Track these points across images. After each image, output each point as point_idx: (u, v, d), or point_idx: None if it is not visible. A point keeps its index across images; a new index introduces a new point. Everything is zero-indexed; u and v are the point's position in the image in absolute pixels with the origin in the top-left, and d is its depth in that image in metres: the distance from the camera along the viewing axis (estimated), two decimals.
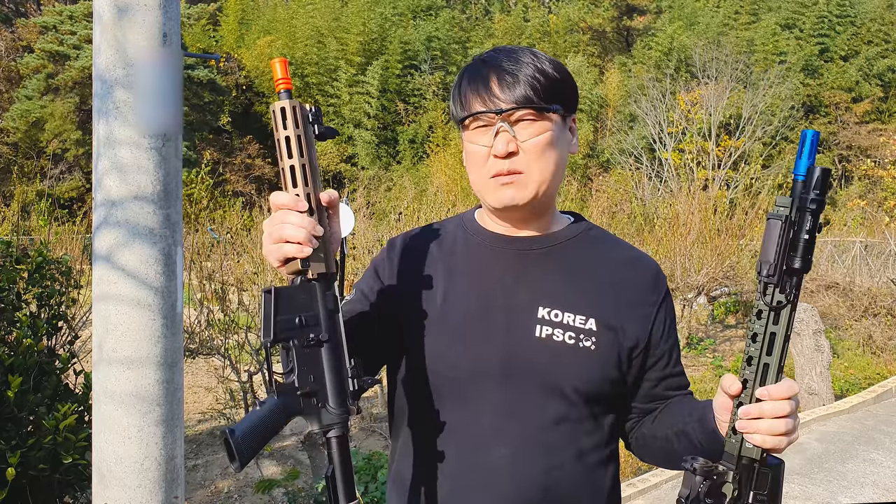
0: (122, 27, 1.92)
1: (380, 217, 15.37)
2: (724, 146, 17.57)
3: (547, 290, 1.05)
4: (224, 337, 4.57)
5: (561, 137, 1.05)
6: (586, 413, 1.04)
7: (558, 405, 1.02)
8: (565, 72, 1.07)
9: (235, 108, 24.53)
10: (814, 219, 0.81)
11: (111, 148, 1.94)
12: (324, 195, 0.90)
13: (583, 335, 1.03)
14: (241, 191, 20.13)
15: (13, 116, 18.84)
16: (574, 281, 1.07)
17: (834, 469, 4.61)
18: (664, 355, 1.09)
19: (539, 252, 1.08)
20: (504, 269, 1.08)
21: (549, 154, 1.03)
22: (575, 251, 1.10)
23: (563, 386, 1.02)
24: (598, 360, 1.03)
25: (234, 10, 28.12)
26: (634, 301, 1.08)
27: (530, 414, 1.02)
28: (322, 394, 0.86)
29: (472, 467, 1.03)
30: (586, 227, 1.14)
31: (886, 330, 8.42)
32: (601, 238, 1.15)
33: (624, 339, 1.05)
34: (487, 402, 1.03)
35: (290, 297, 0.86)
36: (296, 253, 0.86)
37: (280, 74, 0.89)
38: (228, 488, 3.92)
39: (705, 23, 29.10)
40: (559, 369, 1.02)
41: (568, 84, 1.07)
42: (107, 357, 1.98)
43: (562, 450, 1.03)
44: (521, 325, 1.04)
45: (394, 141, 25.87)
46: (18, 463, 2.30)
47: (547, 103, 1.02)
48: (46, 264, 2.99)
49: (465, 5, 33.03)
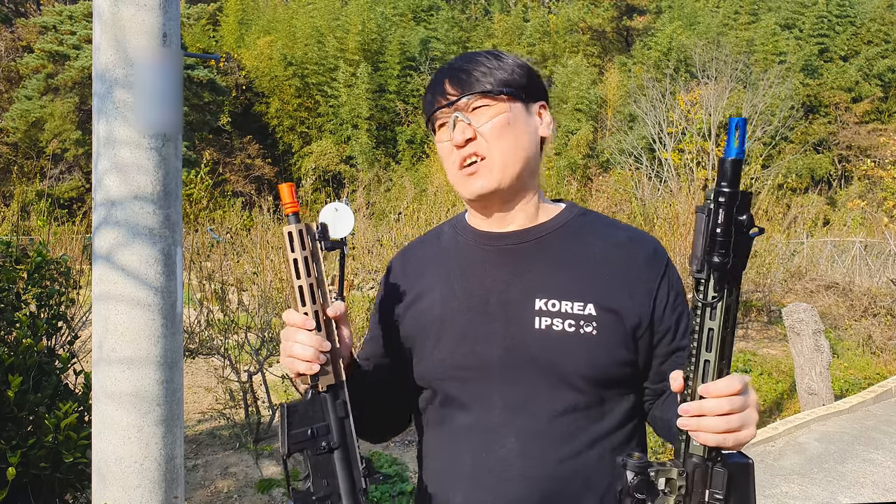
0: (123, 27, 1.92)
1: (379, 217, 15.37)
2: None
3: (541, 281, 1.05)
4: (224, 337, 4.58)
5: (522, 120, 1.06)
6: (597, 398, 1.03)
7: (566, 394, 1.02)
8: (524, 64, 1.11)
9: (235, 109, 24.52)
10: (726, 212, 0.76)
11: (111, 148, 1.94)
12: (330, 310, 0.96)
13: (583, 321, 1.02)
14: (241, 191, 20.12)
15: (13, 116, 18.83)
16: (567, 268, 1.06)
17: (833, 469, 4.61)
18: (670, 329, 1.07)
19: (529, 244, 1.09)
20: (497, 265, 1.08)
21: (508, 135, 1.04)
22: (566, 238, 1.09)
23: (569, 375, 1.02)
24: (602, 344, 1.02)
25: (233, 10, 28.11)
26: (632, 279, 1.06)
27: (539, 406, 1.02)
28: (336, 496, 0.94)
29: (486, 465, 1.03)
30: (578, 213, 1.13)
31: (886, 330, 8.42)
32: (592, 222, 1.13)
33: (626, 318, 1.03)
34: (494, 399, 1.04)
35: (302, 412, 0.94)
36: (305, 370, 0.94)
37: (287, 199, 0.95)
38: (228, 488, 3.92)
39: (705, 23, 29.10)
40: (563, 359, 1.02)
41: (525, 71, 1.10)
42: (107, 357, 1.98)
43: (575, 438, 1.02)
44: (519, 319, 1.04)
45: (393, 141, 25.87)
46: (19, 462, 2.30)
47: (498, 87, 1.04)
48: (46, 264, 2.99)
49: (464, 5, 33.02)
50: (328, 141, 24.48)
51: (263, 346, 4.62)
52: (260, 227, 7.32)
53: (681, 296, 1.09)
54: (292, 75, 25.09)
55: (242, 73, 25.30)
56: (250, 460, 4.29)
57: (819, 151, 26.40)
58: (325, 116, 25.41)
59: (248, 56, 25.54)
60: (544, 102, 1.12)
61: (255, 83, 25.38)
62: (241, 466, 4.21)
